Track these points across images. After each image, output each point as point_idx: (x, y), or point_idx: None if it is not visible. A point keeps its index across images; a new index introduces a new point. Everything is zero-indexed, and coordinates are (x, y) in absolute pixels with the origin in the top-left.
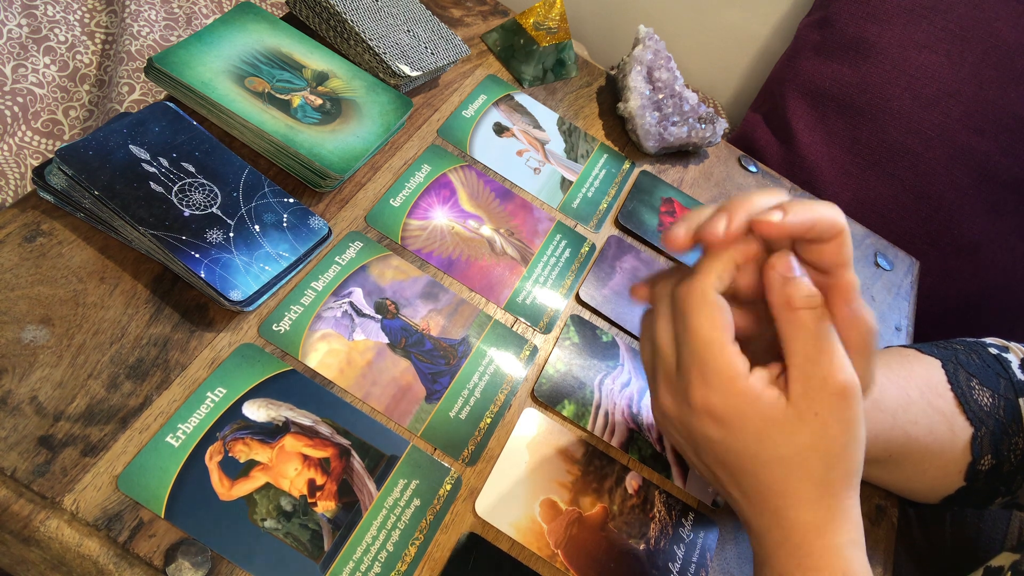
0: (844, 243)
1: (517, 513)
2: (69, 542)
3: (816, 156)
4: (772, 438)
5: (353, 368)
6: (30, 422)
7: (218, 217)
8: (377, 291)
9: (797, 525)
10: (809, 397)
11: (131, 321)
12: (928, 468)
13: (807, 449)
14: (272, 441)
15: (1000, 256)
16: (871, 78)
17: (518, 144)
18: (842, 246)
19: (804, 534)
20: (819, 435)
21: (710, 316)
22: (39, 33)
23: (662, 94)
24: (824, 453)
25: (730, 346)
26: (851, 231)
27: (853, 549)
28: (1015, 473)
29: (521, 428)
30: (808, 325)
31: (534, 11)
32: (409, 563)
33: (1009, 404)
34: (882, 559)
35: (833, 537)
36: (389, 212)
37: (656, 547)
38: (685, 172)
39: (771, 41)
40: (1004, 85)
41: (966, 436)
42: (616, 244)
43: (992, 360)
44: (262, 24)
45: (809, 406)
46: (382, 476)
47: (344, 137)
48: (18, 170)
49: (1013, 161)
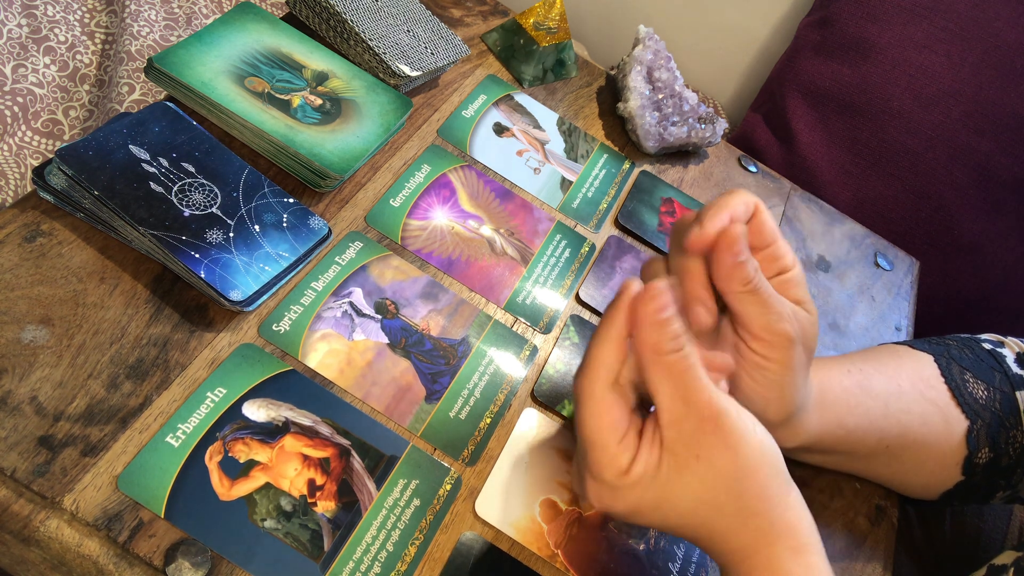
0: (763, 216)
1: (517, 513)
2: (69, 542)
3: (816, 156)
4: (670, 501)
5: (353, 368)
6: (30, 422)
7: (218, 217)
8: (377, 291)
9: (730, 551)
10: (685, 442)
11: (131, 321)
12: (925, 461)
13: (705, 492)
14: (272, 441)
15: (1000, 256)
16: (871, 78)
17: (518, 144)
18: (764, 220)
19: (740, 555)
20: (709, 474)
21: (595, 415)
22: (39, 33)
23: (662, 94)
24: (724, 487)
25: (613, 447)
26: (851, 231)
27: (793, 556)
28: (1014, 467)
29: (521, 428)
30: (675, 369)
31: (534, 11)
32: (409, 563)
33: (1005, 397)
34: (882, 559)
35: (768, 551)
36: (389, 212)
37: (656, 547)
38: (685, 172)
39: (771, 41)
40: (1004, 85)
41: (961, 429)
42: (616, 244)
43: (986, 355)
44: (262, 24)
45: (689, 451)
46: (382, 476)
47: (344, 137)
48: (18, 170)
49: (1013, 161)
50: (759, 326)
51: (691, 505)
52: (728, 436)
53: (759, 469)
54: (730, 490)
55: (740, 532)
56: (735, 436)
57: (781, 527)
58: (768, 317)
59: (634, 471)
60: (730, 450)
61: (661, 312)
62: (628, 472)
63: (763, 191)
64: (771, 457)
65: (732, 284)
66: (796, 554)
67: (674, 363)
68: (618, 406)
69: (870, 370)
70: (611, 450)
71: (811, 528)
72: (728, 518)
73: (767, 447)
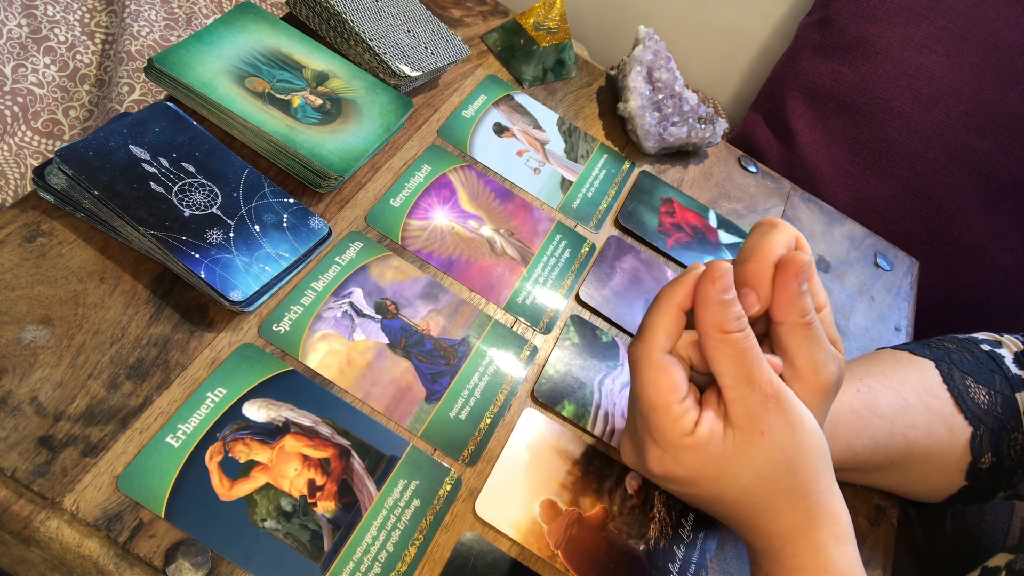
0: (807, 249)
1: (517, 513)
2: (69, 542)
3: (816, 156)
4: (732, 475)
5: (353, 368)
6: (30, 422)
7: (218, 217)
8: (377, 291)
9: (777, 533)
10: (751, 417)
11: (131, 321)
12: (930, 471)
13: (766, 468)
14: (272, 441)
15: (1000, 256)
16: (871, 78)
17: (518, 144)
18: (808, 254)
19: (785, 538)
20: (773, 450)
21: (654, 380)
22: (39, 33)
23: (662, 94)
24: (784, 464)
25: (675, 407)
26: (851, 231)
27: (835, 543)
28: (1015, 468)
29: (521, 428)
30: (739, 348)
31: (534, 11)
32: (409, 563)
33: (1006, 400)
34: (882, 560)
35: (814, 534)
36: (389, 212)
37: (656, 547)
38: (685, 172)
39: (771, 41)
40: (1004, 85)
41: (965, 436)
42: (616, 244)
43: (985, 357)
44: (262, 24)
45: (754, 426)
46: (382, 476)
47: (344, 137)
48: (18, 170)
49: (1013, 161)
50: (806, 364)
51: (752, 481)
52: (789, 415)
53: (812, 451)
54: (789, 467)
55: (789, 512)
56: (794, 415)
57: (827, 511)
58: (817, 356)
59: (700, 432)
60: (791, 427)
61: (726, 292)
62: (693, 433)
63: (763, 191)
64: (821, 441)
65: (791, 313)
66: (838, 541)
67: (737, 342)
68: (677, 369)
69: (877, 386)
70: (674, 410)
71: (849, 518)
72: (782, 497)
73: (818, 432)
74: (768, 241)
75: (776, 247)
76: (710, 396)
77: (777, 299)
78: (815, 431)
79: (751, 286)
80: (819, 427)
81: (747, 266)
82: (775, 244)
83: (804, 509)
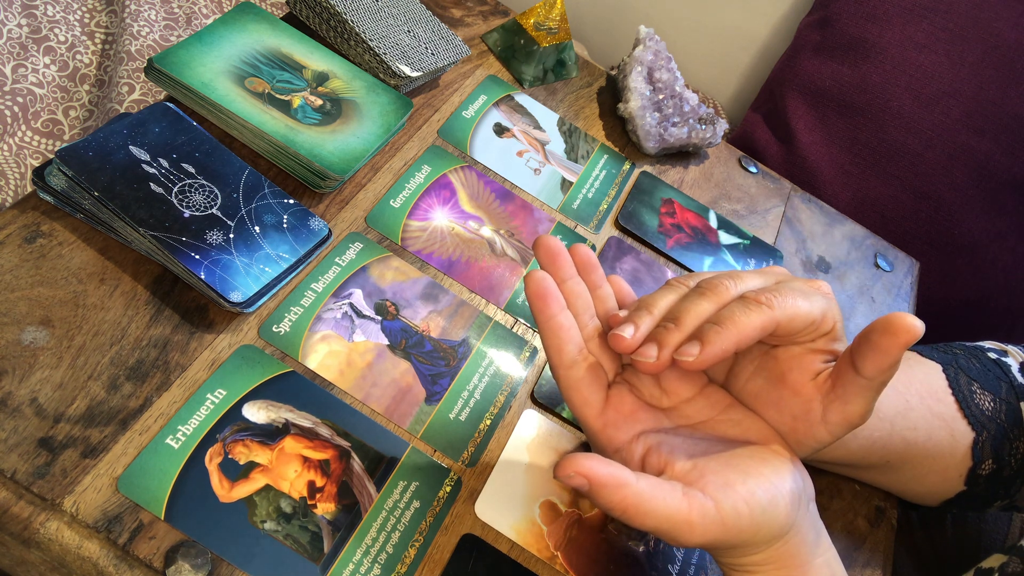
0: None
1: (517, 515)
2: (69, 544)
3: (816, 156)
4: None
5: (353, 369)
6: (30, 424)
7: (218, 218)
8: (377, 292)
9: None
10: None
11: (131, 322)
12: (927, 473)
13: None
14: (272, 443)
15: (1000, 256)
16: (871, 78)
17: (518, 145)
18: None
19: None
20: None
21: (569, 400)
22: (39, 33)
23: (662, 95)
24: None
25: (594, 422)
26: (851, 232)
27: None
28: (1015, 477)
29: (521, 430)
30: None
31: (534, 11)
32: (409, 565)
33: (1010, 408)
34: (881, 561)
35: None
36: (389, 213)
37: (656, 548)
38: (685, 173)
39: (771, 41)
40: (1004, 85)
41: (967, 441)
42: (616, 245)
43: (992, 364)
44: (262, 24)
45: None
46: (382, 478)
47: (344, 138)
48: (18, 170)
49: (1013, 161)
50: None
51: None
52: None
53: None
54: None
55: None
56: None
57: (809, 543)
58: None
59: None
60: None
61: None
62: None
63: (763, 192)
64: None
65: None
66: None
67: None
68: (585, 383)
69: None
70: (593, 425)
71: (822, 545)
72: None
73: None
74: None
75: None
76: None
77: (876, 341)
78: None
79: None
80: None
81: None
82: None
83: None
